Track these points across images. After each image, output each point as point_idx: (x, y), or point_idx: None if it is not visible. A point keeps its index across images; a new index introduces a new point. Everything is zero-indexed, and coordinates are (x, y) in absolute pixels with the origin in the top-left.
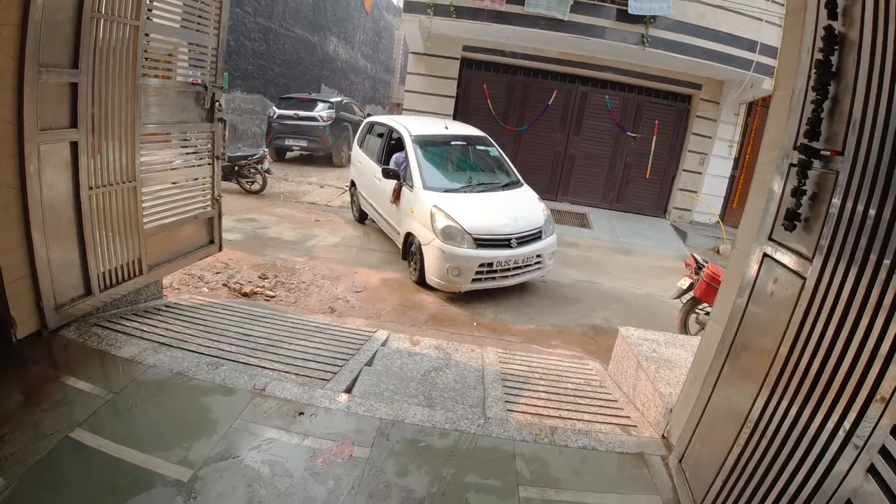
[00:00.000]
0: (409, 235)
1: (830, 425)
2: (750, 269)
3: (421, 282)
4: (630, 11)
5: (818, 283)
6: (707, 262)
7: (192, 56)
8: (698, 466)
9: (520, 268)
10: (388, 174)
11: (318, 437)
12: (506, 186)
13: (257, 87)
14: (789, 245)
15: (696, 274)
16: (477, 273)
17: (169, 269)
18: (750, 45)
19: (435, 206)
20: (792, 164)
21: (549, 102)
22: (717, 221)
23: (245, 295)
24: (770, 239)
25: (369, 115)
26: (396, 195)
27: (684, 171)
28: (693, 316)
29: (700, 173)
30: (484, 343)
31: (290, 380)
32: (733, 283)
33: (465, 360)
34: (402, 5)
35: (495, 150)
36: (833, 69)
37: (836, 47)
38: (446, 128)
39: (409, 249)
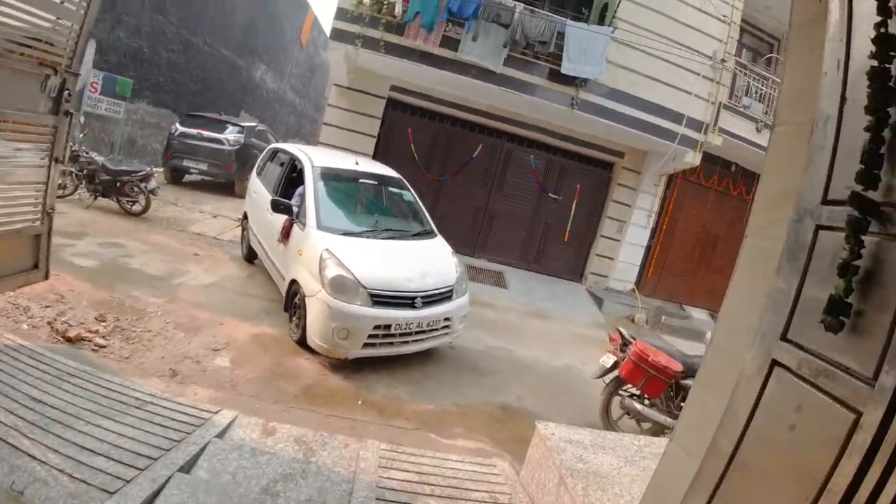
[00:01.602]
0: (293, 283)
1: None
2: (744, 388)
3: (303, 341)
4: (562, 71)
5: (887, 425)
6: (635, 339)
7: (41, 29)
8: None
9: (424, 332)
10: (277, 207)
11: None
12: (417, 236)
13: (166, 102)
14: (826, 354)
15: (622, 351)
16: (370, 337)
17: None
18: (676, 117)
19: (327, 249)
20: (821, 227)
21: (474, 155)
22: (633, 289)
23: (69, 340)
24: (785, 339)
25: None
26: (286, 233)
27: (602, 236)
28: (617, 399)
29: (618, 240)
30: (366, 432)
31: (60, 483)
32: (708, 402)
33: (332, 462)
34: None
35: (409, 195)
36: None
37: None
38: (357, 164)
39: (293, 301)
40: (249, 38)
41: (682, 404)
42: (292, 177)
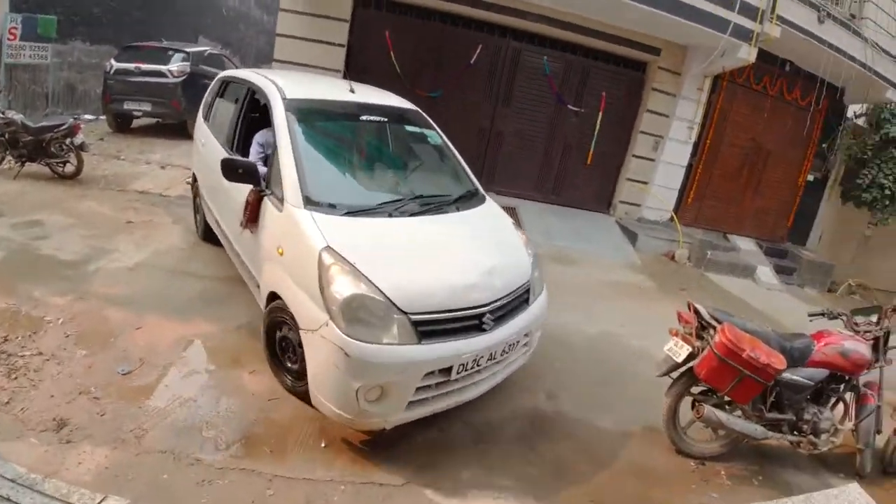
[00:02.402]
0: (274, 300)
1: None
2: None
3: (303, 393)
4: None
5: None
6: (720, 323)
7: None
8: None
9: (497, 363)
10: (232, 171)
11: None
12: (460, 203)
13: (106, 37)
14: None
15: (699, 338)
16: (419, 390)
17: None
18: (726, 0)
19: (329, 248)
20: None
21: (472, 61)
22: (672, 219)
23: None
24: None
25: None
26: (252, 213)
27: (634, 156)
28: (688, 402)
29: (653, 160)
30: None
31: None
32: None
33: None
34: None
35: (436, 136)
36: None
37: None
38: (352, 91)
39: (276, 331)
40: None
41: (773, 403)
42: (252, 118)
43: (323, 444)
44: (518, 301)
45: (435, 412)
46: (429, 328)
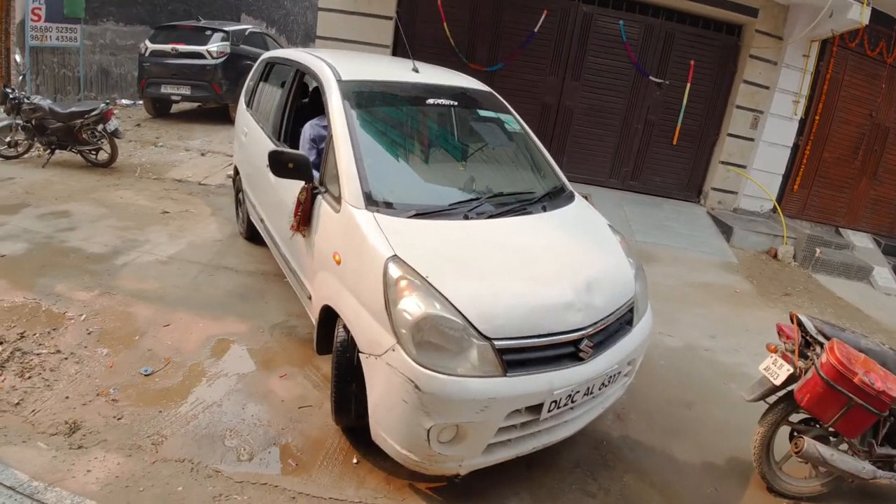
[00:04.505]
0: (328, 314)
1: None
2: None
3: (359, 428)
4: None
5: None
6: (828, 339)
7: None
8: None
9: (593, 398)
10: (281, 165)
11: None
12: (546, 200)
13: (141, 17)
14: None
15: (802, 356)
16: (501, 430)
17: None
18: None
19: (396, 258)
20: None
21: (536, 29)
22: (774, 209)
23: None
24: None
25: None
26: (304, 214)
27: (729, 135)
28: (785, 432)
29: (752, 140)
30: None
31: None
32: None
33: None
34: None
35: (514, 122)
36: None
37: None
38: (416, 71)
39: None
40: None
41: (886, 437)
42: (303, 105)
43: (355, 461)
44: (620, 323)
45: (519, 455)
46: (516, 357)
